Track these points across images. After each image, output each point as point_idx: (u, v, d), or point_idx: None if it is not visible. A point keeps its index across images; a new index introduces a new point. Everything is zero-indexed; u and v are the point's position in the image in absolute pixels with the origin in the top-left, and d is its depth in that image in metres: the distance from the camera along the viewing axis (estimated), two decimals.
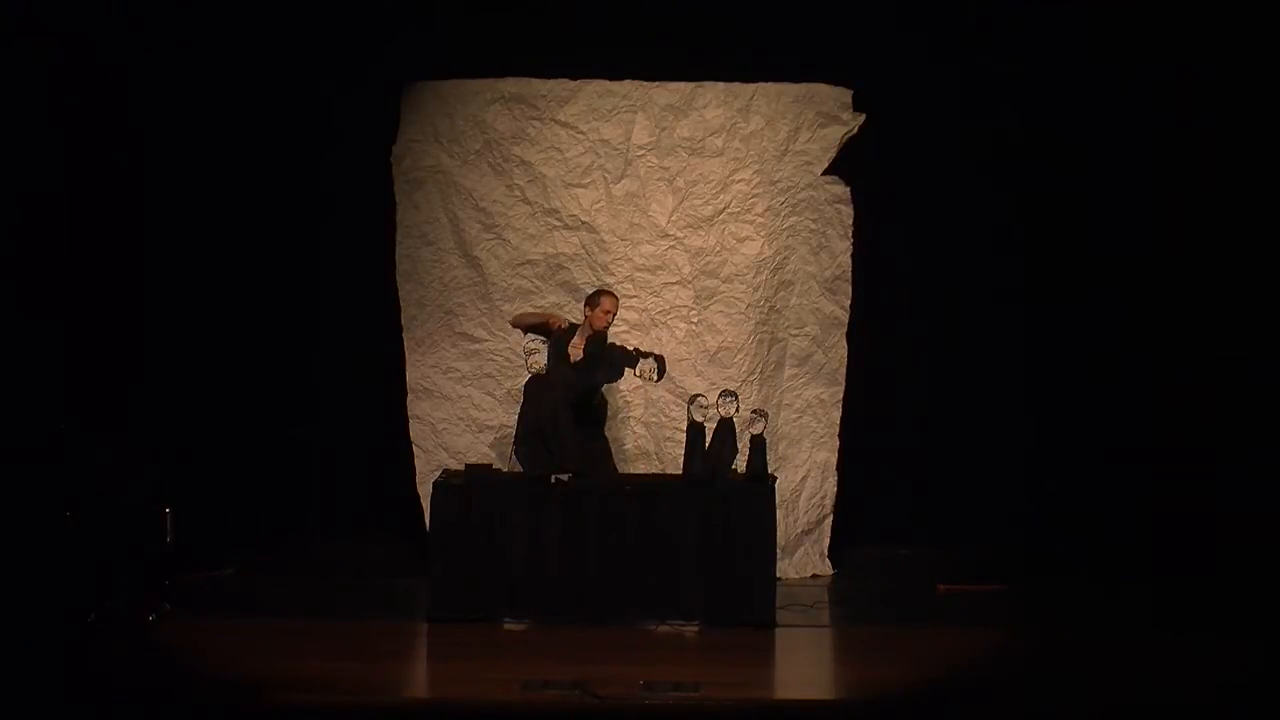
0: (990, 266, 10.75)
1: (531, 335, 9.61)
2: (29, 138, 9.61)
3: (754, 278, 10.23)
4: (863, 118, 10.34)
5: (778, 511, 9.22)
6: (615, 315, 9.55)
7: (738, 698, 7.51)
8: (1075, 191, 10.53)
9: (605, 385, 9.58)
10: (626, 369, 9.38)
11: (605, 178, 10.27)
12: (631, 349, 9.46)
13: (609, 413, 9.83)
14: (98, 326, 9.96)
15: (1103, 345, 10.53)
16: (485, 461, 9.78)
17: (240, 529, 10.34)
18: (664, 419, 10.16)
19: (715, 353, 10.23)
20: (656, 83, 10.27)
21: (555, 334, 9.45)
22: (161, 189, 10.36)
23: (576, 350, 9.40)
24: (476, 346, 10.35)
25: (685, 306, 10.26)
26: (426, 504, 9.48)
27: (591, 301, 9.53)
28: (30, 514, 9.22)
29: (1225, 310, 10.06)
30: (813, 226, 10.39)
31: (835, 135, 10.37)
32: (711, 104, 10.27)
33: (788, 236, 10.33)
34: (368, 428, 10.78)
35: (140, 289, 10.31)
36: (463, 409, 10.34)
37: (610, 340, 9.52)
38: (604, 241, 10.25)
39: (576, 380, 9.33)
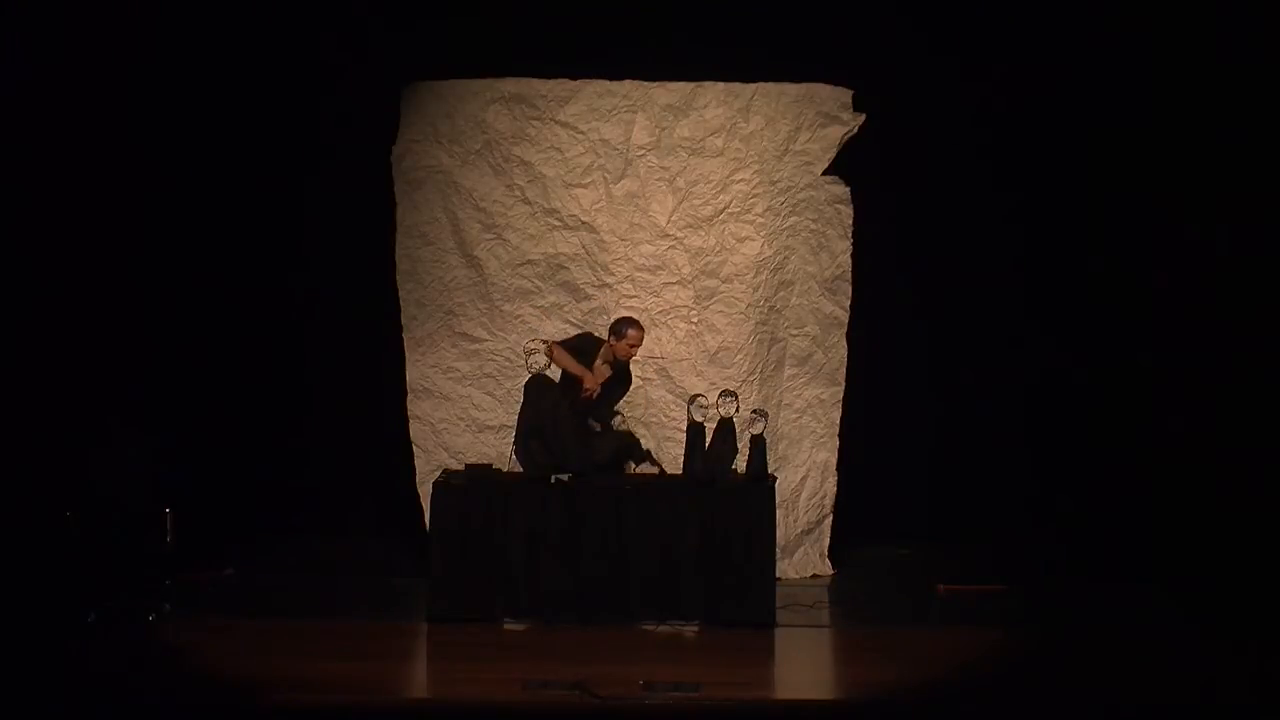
0: (990, 266, 10.76)
1: (532, 336, 9.66)
2: (29, 135, 9.61)
3: (754, 278, 10.23)
4: (863, 118, 10.34)
5: (778, 511, 9.22)
6: (640, 348, 9.48)
7: (738, 698, 7.51)
8: (1076, 191, 10.54)
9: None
10: (629, 459, 9.42)
11: (605, 178, 10.27)
12: (646, 449, 9.50)
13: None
14: (98, 326, 9.97)
15: (1103, 344, 10.53)
16: (485, 461, 9.78)
17: (240, 529, 10.34)
18: (664, 419, 10.15)
19: (715, 353, 10.23)
20: (656, 83, 10.27)
21: (582, 390, 9.32)
22: (161, 190, 10.37)
23: (598, 378, 9.37)
24: (476, 346, 10.35)
25: (685, 306, 10.26)
26: (426, 504, 9.48)
27: (617, 330, 9.45)
28: (31, 514, 9.22)
29: (1226, 310, 10.06)
30: (813, 226, 10.39)
31: (835, 135, 10.37)
32: (711, 104, 10.27)
33: (788, 236, 10.33)
34: (368, 428, 10.78)
35: (141, 289, 10.32)
36: (463, 409, 10.34)
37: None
38: (604, 241, 10.25)
39: (588, 425, 9.35)
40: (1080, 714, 7.36)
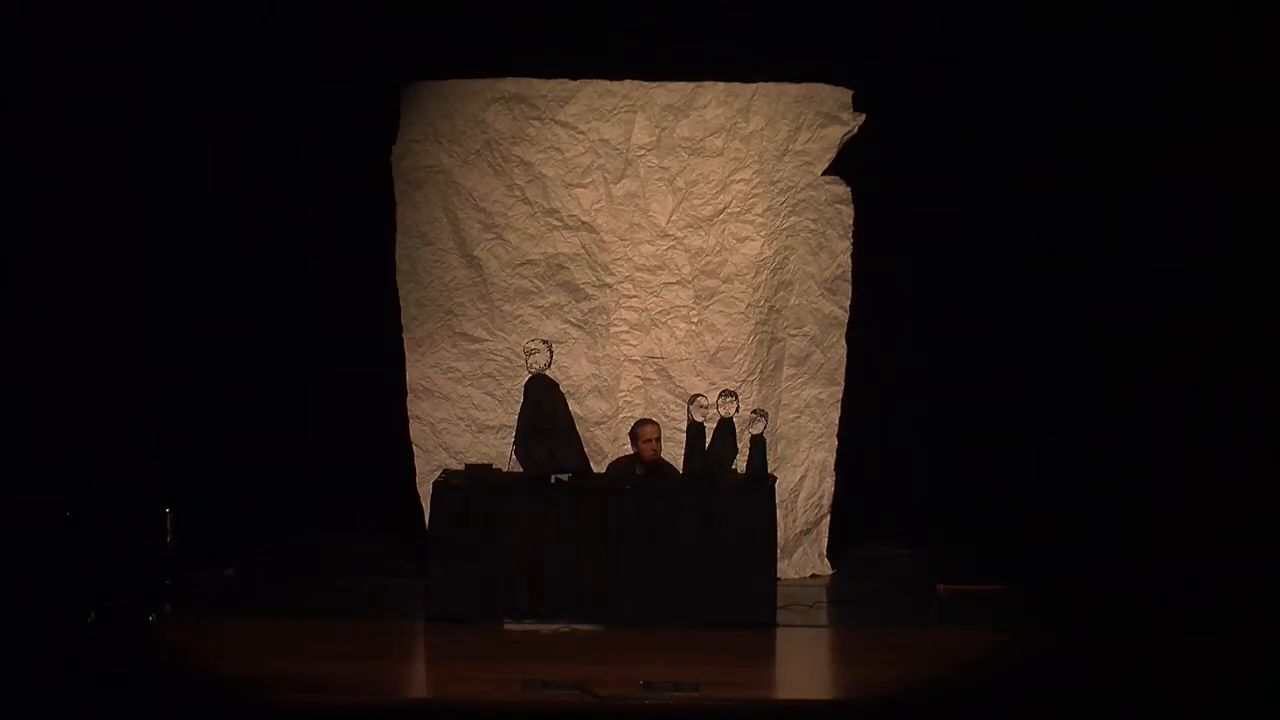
0: (990, 266, 10.75)
1: (532, 336, 9.66)
2: (32, 138, 9.61)
3: (754, 278, 10.23)
4: (863, 118, 10.35)
5: (777, 512, 9.22)
6: (659, 440, 9.45)
7: (738, 698, 7.51)
8: (1075, 192, 10.53)
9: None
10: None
11: (605, 178, 10.27)
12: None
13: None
14: (99, 327, 9.96)
15: (1102, 345, 10.52)
16: (485, 461, 9.78)
17: (240, 529, 10.34)
18: (664, 419, 10.13)
19: (715, 353, 10.23)
20: (656, 83, 10.28)
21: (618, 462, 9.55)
22: (162, 191, 10.36)
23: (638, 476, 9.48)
24: (476, 346, 10.35)
25: (685, 306, 10.26)
26: (426, 504, 9.48)
27: (632, 438, 9.52)
28: (32, 515, 9.22)
29: (1226, 311, 10.05)
30: (813, 226, 10.40)
31: (835, 135, 10.37)
32: (711, 104, 10.27)
33: (788, 236, 10.34)
34: (368, 428, 10.78)
35: (141, 290, 10.31)
36: (463, 409, 10.35)
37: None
38: (604, 241, 10.25)
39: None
40: (1080, 714, 7.36)
